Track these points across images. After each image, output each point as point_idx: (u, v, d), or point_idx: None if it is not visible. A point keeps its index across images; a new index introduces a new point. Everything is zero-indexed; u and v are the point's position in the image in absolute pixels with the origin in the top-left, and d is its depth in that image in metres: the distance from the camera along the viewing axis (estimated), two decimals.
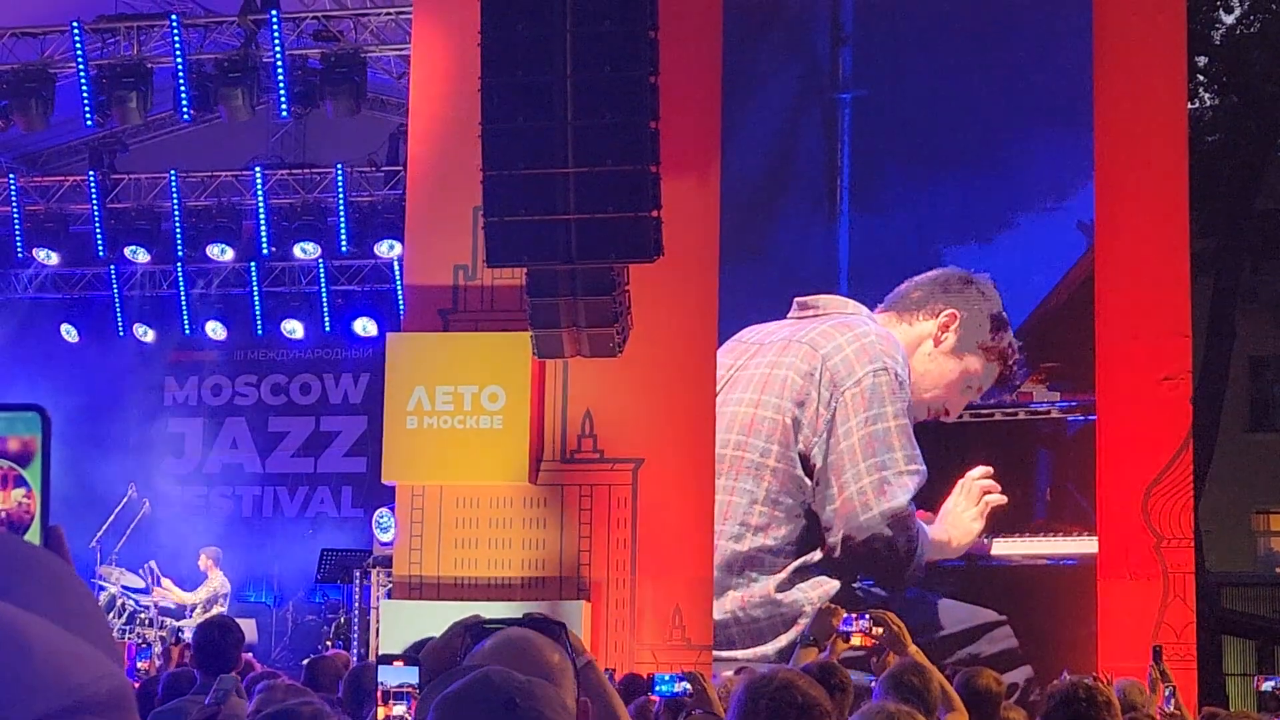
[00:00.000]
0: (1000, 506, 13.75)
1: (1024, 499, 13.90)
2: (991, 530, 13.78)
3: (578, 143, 12.62)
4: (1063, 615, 13.52)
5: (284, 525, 22.18)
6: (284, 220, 19.76)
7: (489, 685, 2.46)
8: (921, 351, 14.08)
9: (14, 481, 1.40)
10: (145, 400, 22.28)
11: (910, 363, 14.02)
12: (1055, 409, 13.93)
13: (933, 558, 13.75)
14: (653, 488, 14.67)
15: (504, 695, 2.42)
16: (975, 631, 13.60)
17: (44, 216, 20.45)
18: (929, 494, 13.84)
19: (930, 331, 14.09)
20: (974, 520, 13.74)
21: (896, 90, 14.54)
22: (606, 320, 13.56)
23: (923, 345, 14.10)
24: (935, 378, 14.00)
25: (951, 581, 13.82)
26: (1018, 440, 13.99)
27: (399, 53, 17.75)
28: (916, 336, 14.12)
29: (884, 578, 13.81)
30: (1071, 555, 13.69)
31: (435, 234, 15.39)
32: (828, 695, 4.21)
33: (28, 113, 17.96)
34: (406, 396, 14.91)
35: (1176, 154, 14.09)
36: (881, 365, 14.00)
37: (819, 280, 14.48)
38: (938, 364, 14.03)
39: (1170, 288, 13.91)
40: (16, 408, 1.41)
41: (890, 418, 13.88)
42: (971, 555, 13.81)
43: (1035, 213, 14.24)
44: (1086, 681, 6.40)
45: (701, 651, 13.96)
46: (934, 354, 14.06)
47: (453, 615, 13.71)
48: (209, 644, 7.01)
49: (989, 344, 13.97)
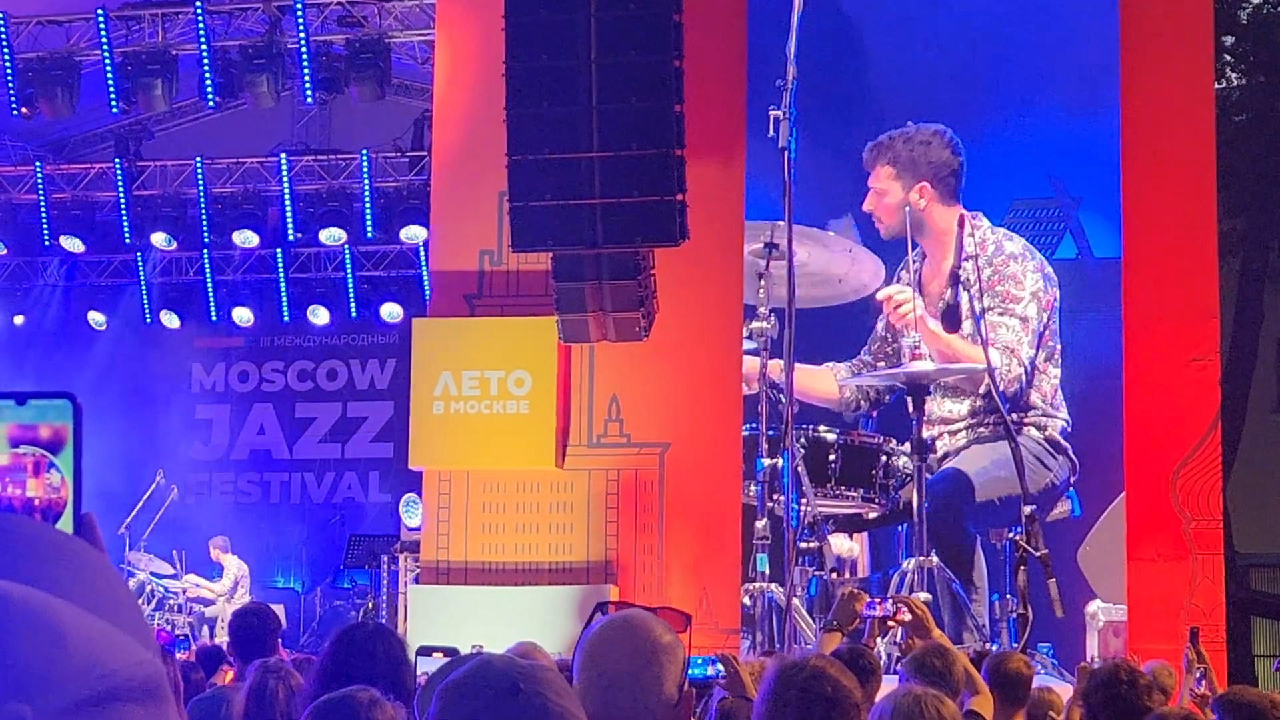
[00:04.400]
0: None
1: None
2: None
3: (603, 127, 12.61)
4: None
5: (311, 511, 22.24)
6: (309, 206, 19.79)
7: (491, 670, 2.46)
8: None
9: (46, 468, 1.40)
10: (172, 387, 22.34)
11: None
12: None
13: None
14: (680, 471, 14.67)
15: (507, 680, 2.42)
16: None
17: (70, 204, 20.51)
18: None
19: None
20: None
21: (921, 72, 14.50)
22: (632, 304, 13.56)
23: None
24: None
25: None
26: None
27: (423, 38, 17.75)
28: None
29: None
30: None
31: (461, 219, 15.40)
32: (859, 684, 4.20)
33: (53, 100, 18.01)
34: (433, 382, 14.92)
35: (1204, 134, 14.04)
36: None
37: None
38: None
39: (1198, 269, 13.87)
40: (48, 395, 1.41)
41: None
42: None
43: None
44: (1128, 663, 6.40)
45: (729, 635, 13.96)
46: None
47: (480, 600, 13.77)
48: (246, 630, 7.06)
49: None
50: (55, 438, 1.40)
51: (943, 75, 14.48)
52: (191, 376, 22.71)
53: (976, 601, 12.74)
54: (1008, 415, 12.47)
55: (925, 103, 14.31)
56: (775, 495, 12.24)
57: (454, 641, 12.22)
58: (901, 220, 13.29)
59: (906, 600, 7.20)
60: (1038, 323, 13.54)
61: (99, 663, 1.13)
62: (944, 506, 12.63)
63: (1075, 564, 13.70)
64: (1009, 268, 13.53)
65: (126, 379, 21.83)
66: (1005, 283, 13.50)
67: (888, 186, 13.86)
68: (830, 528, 12.79)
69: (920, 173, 13.81)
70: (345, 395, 22.43)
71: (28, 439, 1.40)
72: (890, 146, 13.88)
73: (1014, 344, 13.37)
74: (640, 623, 3.31)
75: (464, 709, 2.42)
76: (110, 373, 21.62)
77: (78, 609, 1.16)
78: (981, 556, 13.09)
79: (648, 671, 3.24)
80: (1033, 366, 13.51)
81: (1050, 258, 13.93)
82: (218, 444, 22.69)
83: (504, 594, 14.36)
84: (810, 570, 12.38)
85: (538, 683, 2.43)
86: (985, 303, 13.28)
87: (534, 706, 2.40)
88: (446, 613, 14.29)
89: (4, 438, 1.40)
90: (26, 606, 1.13)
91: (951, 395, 13.74)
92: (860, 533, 13.66)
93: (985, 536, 13.12)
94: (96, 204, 20.57)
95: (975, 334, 12.89)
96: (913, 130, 13.91)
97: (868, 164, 13.94)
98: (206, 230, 19.96)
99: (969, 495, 12.97)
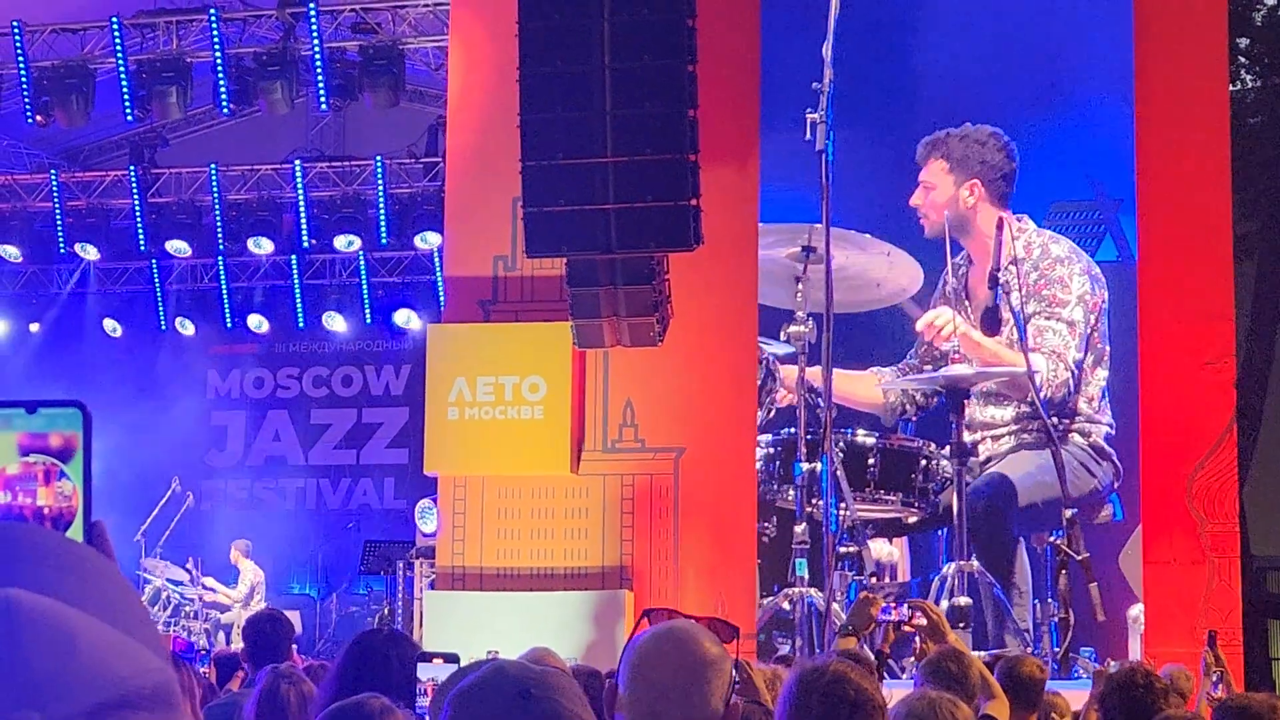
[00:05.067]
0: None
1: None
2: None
3: (616, 132, 12.60)
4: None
5: (327, 517, 22.27)
6: (324, 213, 19.83)
7: (503, 676, 2.45)
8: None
9: (56, 477, 1.40)
10: (188, 394, 22.39)
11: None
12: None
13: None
14: (695, 476, 14.66)
15: (519, 686, 2.41)
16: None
17: (85, 212, 20.56)
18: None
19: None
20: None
21: (959, 74, 14.50)
22: (647, 309, 13.55)
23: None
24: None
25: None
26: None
27: (437, 44, 17.78)
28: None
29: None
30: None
31: (475, 225, 15.41)
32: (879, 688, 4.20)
33: (68, 108, 18.06)
34: (448, 387, 14.93)
35: (1218, 136, 14.01)
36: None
37: None
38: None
39: (1213, 271, 13.84)
40: (57, 404, 1.41)
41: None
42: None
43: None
44: (1145, 667, 6.39)
45: (745, 640, 13.95)
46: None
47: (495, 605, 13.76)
48: (260, 636, 7.07)
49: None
50: (65, 446, 1.40)
51: (980, 77, 14.47)
52: (207, 383, 22.76)
53: (1019, 605, 12.73)
54: (1049, 421, 12.49)
55: (964, 105, 14.29)
56: (814, 500, 12.29)
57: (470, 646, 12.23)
58: (948, 218, 13.33)
59: (921, 604, 7.20)
60: (1084, 326, 13.53)
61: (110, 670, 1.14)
62: (987, 510, 12.63)
63: (1117, 568, 13.69)
64: (1055, 271, 13.53)
65: (142, 386, 21.89)
66: (1051, 286, 13.49)
67: (939, 181, 13.87)
68: (870, 532, 12.78)
69: (972, 170, 13.84)
70: (360, 401, 22.47)
71: (38, 447, 1.41)
72: (945, 142, 13.92)
73: (1060, 348, 13.37)
74: (688, 635, 3.31)
75: (476, 715, 2.42)
76: (125, 379, 21.68)
77: (89, 617, 1.17)
78: (1025, 560, 13.08)
79: (695, 685, 3.25)
80: (1080, 370, 13.51)
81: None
82: (233, 450, 22.73)
83: (519, 599, 14.35)
84: (850, 575, 12.38)
85: (550, 688, 2.43)
86: (1031, 308, 13.28)
87: (547, 712, 2.40)
88: (462, 618, 14.28)
89: (14, 446, 1.41)
90: (38, 614, 1.14)
91: (995, 401, 13.74)
92: (900, 537, 13.67)
93: (1028, 540, 13.11)
94: (112, 211, 20.62)
95: (1017, 338, 12.90)
96: (970, 129, 13.94)
97: (920, 158, 13.96)
98: (221, 237, 20.00)
99: (1012, 499, 12.96)
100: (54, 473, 1.40)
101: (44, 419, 1.41)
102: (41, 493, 1.40)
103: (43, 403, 1.41)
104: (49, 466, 1.40)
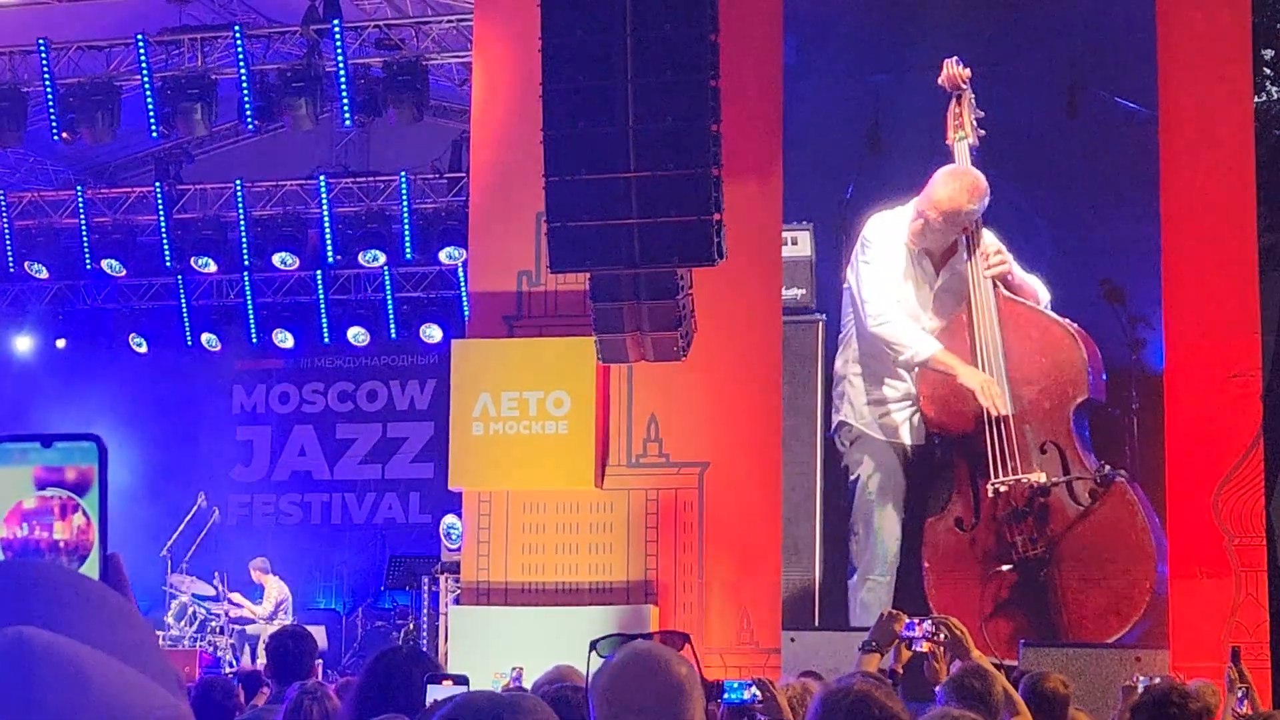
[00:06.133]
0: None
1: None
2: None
3: (639, 147, 12.62)
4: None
5: (352, 532, 22.29)
6: (349, 228, 19.86)
7: (472, 706, 2.48)
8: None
9: (72, 510, 1.41)
10: (213, 409, 22.44)
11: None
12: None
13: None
14: (719, 491, 14.66)
15: (489, 714, 2.43)
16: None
17: (111, 228, 20.61)
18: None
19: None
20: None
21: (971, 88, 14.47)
22: (670, 324, 13.55)
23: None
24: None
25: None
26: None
27: (460, 60, 17.82)
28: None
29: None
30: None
31: (499, 240, 15.44)
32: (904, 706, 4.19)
33: (94, 125, 18.12)
34: (472, 402, 14.95)
35: (1243, 148, 13.97)
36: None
37: None
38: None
39: (1238, 283, 13.80)
40: (73, 437, 1.42)
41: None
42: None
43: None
44: (1180, 686, 6.36)
45: (770, 655, 13.93)
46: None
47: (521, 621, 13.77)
48: (282, 652, 7.08)
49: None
50: (81, 479, 1.41)
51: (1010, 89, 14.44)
52: (232, 398, 22.80)
53: None
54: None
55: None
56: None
57: (494, 662, 12.24)
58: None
59: (946, 620, 7.16)
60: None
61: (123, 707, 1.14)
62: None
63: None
64: None
65: (167, 401, 21.95)
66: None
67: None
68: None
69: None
70: (385, 416, 22.48)
71: (54, 481, 1.41)
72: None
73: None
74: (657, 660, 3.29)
75: None
76: (151, 395, 21.74)
77: (102, 654, 1.17)
78: None
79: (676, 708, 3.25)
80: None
81: None
82: (259, 466, 22.76)
83: (544, 614, 14.35)
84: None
85: (520, 711, 2.45)
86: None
87: None
88: (486, 633, 14.30)
89: (31, 480, 1.41)
90: (52, 651, 1.14)
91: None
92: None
93: None
94: (137, 228, 20.66)
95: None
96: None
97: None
98: (246, 253, 20.03)
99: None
100: (70, 506, 1.41)
101: (60, 453, 1.41)
102: (58, 526, 1.41)
103: (58, 436, 1.42)
104: (65, 500, 1.41)
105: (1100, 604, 13.61)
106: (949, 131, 14.12)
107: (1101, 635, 13.51)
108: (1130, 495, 13.63)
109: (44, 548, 1.40)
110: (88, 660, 1.15)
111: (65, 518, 1.41)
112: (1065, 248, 14.20)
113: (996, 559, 13.88)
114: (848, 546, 14.26)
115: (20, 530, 1.41)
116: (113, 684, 1.15)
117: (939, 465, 14.19)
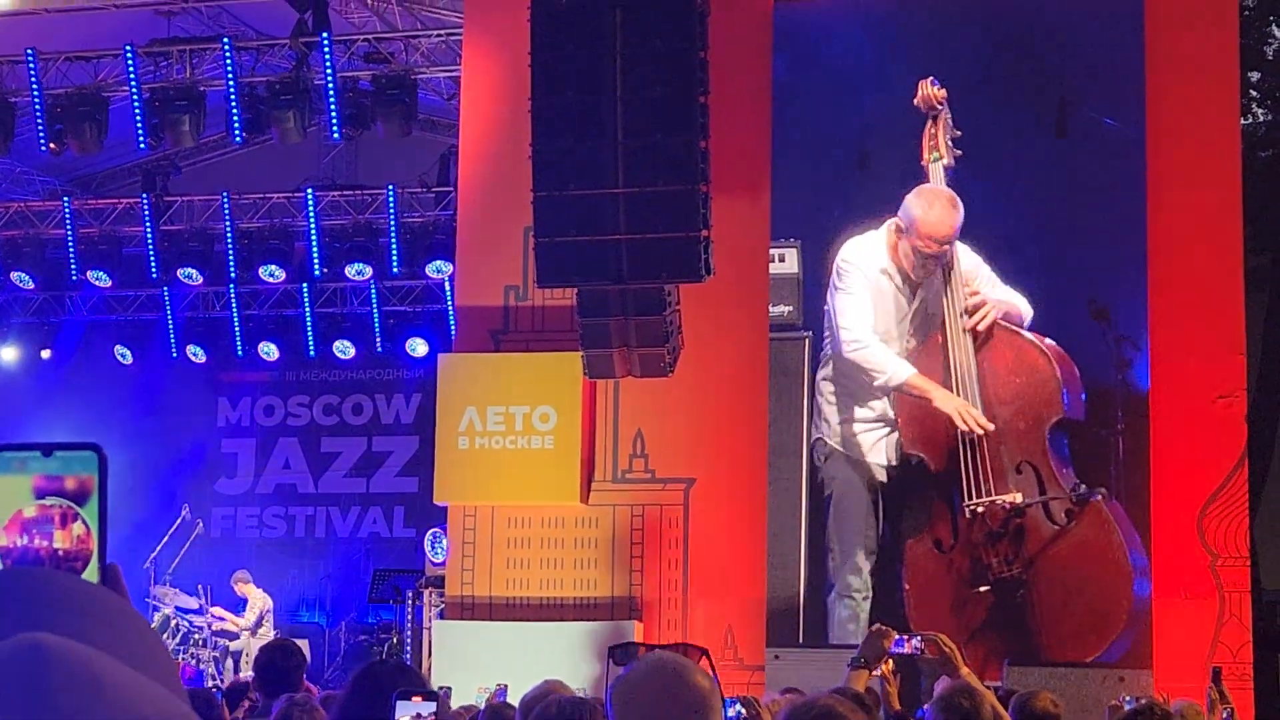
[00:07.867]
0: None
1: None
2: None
3: (628, 163, 12.63)
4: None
5: (336, 545, 22.26)
6: (335, 241, 19.86)
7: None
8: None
9: (72, 520, 1.40)
10: (198, 421, 22.42)
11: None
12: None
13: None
14: (704, 507, 14.66)
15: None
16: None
17: (97, 239, 20.60)
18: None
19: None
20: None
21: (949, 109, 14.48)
22: (657, 340, 13.56)
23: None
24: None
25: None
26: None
27: (449, 74, 17.83)
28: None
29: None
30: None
31: (486, 255, 15.44)
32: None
33: (81, 136, 18.10)
34: (458, 417, 14.94)
35: (1229, 170, 14.01)
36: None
37: None
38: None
39: (1224, 304, 13.82)
40: (73, 446, 1.41)
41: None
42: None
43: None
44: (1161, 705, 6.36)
45: (754, 672, 13.93)
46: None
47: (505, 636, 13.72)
48: (271, 666, 7.08)
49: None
50: (81, 488, 1.40)
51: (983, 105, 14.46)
52: (217, 411, 22.78)
53: None
54: None
55: (968, 134, 14.27)
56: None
57: (477, 677, 12.20)
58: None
59: (936, 637, 7.15)
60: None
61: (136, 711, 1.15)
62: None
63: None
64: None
65: (152, 413, 21.92)
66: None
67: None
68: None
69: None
70: (370, 430, 22.46)
71: (54, 490, 1.41)
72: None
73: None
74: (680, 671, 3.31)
75: None
76: (136, 407, 21.71)
77: (113, 660, 1.18)
78: None
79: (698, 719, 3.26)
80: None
81: None
82: (243, 478, 22.73)
83: (529, 629, 14.34)
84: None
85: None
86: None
87: None
88: (471, 648, 14.27)
89: (30, 489, 1.41)
90: (67, 657, 1.15)
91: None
92: None
93: None
94: (123, 239, 20.65)
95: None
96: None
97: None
98: (233, 265, 20.03)
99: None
100: (70, 515, 1.40)
101: (59, 461, 1.41)
102: (58, 535, 1.40)
103: (58, 445, 1.41)
104: (65, 509, 1.40)
105: (1078, 623, 13.61)
106: (924, 153, 14.13)
107: (1080, 654, 13.50)
108: (1106, 514, 13.62)
109: (44, 556, 1.40)
110: (100, 666, 1.16)
111: (65, 526, 1.40)
112: (1052, 267, 14.20)
113: (974, 580, 13.88)
114: (827, 564, 14.26)
115: (20, 539, 1.40)
116: (125, 689, 1.16)
117: (916, 486, 14.18)
